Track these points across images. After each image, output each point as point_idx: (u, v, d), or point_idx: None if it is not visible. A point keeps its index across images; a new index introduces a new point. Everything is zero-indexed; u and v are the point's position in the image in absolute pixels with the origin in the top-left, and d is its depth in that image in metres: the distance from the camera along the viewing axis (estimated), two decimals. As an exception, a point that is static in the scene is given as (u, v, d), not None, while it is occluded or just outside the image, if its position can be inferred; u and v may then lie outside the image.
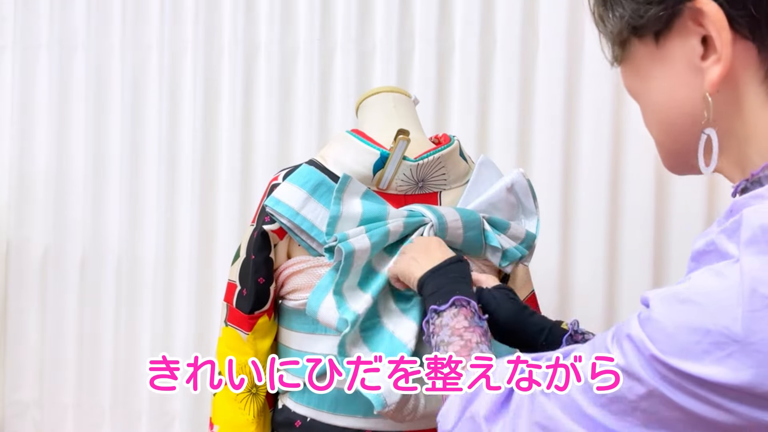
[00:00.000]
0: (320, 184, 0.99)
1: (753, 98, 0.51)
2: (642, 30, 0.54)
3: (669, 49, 0.53)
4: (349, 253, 0.90)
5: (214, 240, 1.72)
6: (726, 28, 0.48)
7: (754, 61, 0.50)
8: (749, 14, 0.48)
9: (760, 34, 0.49)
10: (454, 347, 0.71)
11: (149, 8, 1.76)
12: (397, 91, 1.11)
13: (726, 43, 0.49)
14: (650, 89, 0.56)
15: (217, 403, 1.03)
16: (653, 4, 0.52)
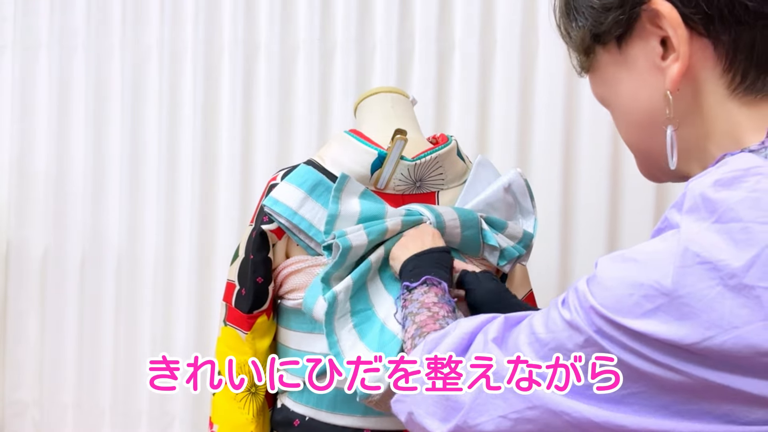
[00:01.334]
0: (318, 183, 0.99)
1: (712, 94, 0.52)
2: (604, 37, 0.56)
3: (631, 52, 0.55)
4: (347, 249, 0.91)
5: (213, 240, 1.72)
6: (681, 26, 0.50)
7: (711, 57, 0.51)
8: (702, 11, 0.49)
9: (714, 30, 0.50)
10: (421, 317, 0.73)
11: (149, 8, 1.76)
12: (395, 92, 1.11)
13: (682, 40, 0.50)
14: (617, 94, 0.58)
15: (216, 402, 1.03)
16: (611, 10, 0.54)
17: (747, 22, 0.49)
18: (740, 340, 0.40)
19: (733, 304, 0.40)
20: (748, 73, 0.51)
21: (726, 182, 0.44)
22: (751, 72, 0.50)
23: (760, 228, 0.41)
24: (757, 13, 0.48)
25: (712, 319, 0.40)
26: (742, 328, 0.40)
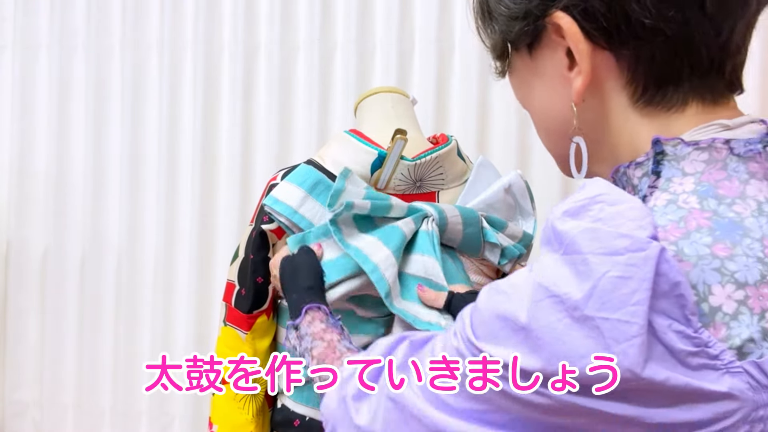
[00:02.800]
0: (318, 182, 0.99)
1: (617, 105, 0.53)
2: (515, 44, 0.57)
3: (541, 61, 0.56)
4: (349, 206, 0.90)
5: (213, 240, 1.72)
6: (582, 41, 0.51)
7: (615, 70, 0.52)
8: (601, 26, 0.50)
9: (614, 44, 0.51)
10: (318, 350, 0.73)
11: (149, 8, 1.76)
12: (396, 92, 1.11)
13: (583, 54, 0.51)
14: (532, 99, 0.59)
15: (216, 402, 1.04)
16: (518, 20, 0.54)
17: (645, 38, 0.50)
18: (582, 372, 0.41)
19: (578, 336, 0.41)
20: (649, 85, 0.51)
21: (573, 212, 0.45)
22: (651, 85, 0.51)
23: (596, 260, 0.42)
24: (654, 29, 0.49)
25: (563, 351, 0.42)
26: (588, 358, 0.41)
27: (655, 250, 0.41)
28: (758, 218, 0.45)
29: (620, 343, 0.40)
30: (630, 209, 0.44)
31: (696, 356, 0.41)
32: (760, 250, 0.44)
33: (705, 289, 0.43)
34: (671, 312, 0.41)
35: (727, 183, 0.47)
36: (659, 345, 0.41)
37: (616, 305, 0.41)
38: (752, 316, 0.42)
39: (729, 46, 0.50)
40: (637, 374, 0.40)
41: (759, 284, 0.43)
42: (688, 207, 0.46)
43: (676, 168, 0.49)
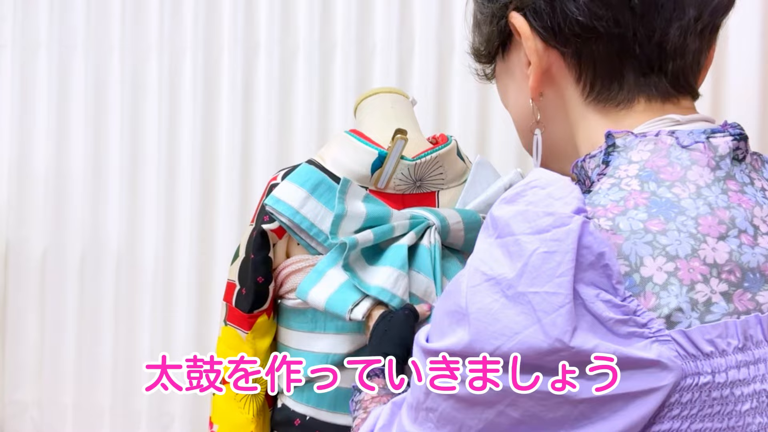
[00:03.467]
0: (320, 183, 0.99)
1: (572, 101, 0.57)
2: (491, 46, 0.61)
3: (511, 61, 0.61)
4: (353, 244, 0.92)
5: (213, 240, 1.72)
6: (530, 38, 0.55)
7: (564, 68, 0.56)
8: (546, 25, 0.54)
9: (560, 41, 0.54)
10: (358, 419, 0.74)
11: (149, 8, 1.76)
12: (395, 92, 1.11)
13: (532, 51, 0.55)
14: (507, 98, 0.64)
15: (216, 402, 1.04)
16: (488, 24, 0.59)
17: (582, 36, 0.53)
18: (522, 344, 0.42)
19: (513, 313, 0.43)
20: (595, 83, 0.55)
21: (509, 199, 0.48)
22: (597, 82, 0.55)
23: (526, 239, 0.44)
24: (589, 28, 0.52)
25: (499, 329, 0.43)
26: (522, 333, 0.42)
27: (576, 223, 0.43)
28: (696, 200, 0.47)
29: (549, 314, 0.42)
30: (557, 189, 0.46)
31: (624, 324, 0.43)
32: (694, 227, 0.46)
33: (637, 261, 0.45)
34: (598, 282, 0.43)
35: (669, 168, 0.49)
36: (588, 315, 0.43)
37: (544, 279, 0.43)
38: (681, 287, 0.44)
39: (665, 47, 0.53)
40: (566, 343, 0.41)
41: (690, 258, 0.45)
42: (629, 189, 0.48)
43: (623, 157, 0.51)
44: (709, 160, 0.50)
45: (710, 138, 0.51)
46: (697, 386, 0.43)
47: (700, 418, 0.43)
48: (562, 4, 0.53)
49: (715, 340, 0.44)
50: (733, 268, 0.45)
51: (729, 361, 0.44)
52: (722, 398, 0.43)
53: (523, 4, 0.55)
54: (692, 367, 0.43)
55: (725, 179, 0.49)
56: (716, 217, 0.47)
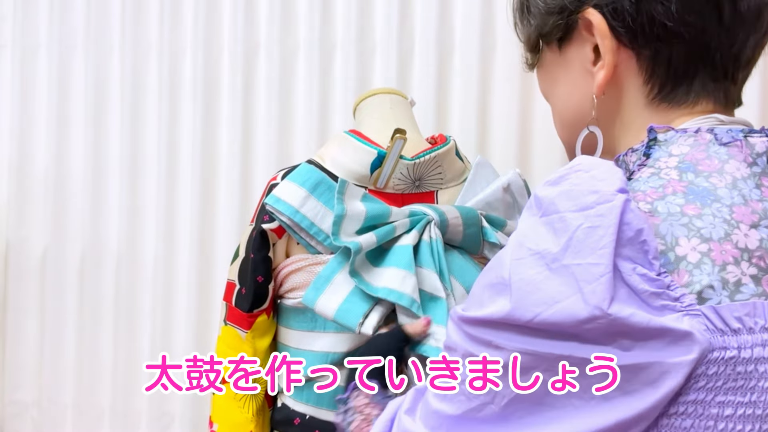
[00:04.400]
0: (320, 182, 0.99)
1: (633, 101, 0.58)
2: (547, 37, 0.61)
3: (569, 55, 0.61)
4: (357, 250, 0.92)
5: (213, 240, 1.72)
6: (608, 37, 0.56)
7: (635, 68, 0.57)
8: (627, 26, 0.55)
9: (637, 43, 0.55)
10: (355, 423, 0.75)
11: (149, 8, 1.76)
12: (394, 93, 1.12)
13: (608, 50, 0.56)
14: (556, 92, 0.65)
15: (216, 401, 1.04)
16: (553, 15, 0.59)
17: (665, 40, 0.54)
18: (563, 311, 0.45)
19: (556, 284, 0.45)
20: (665, 85, 0.56)
21: (553, 181, 0.51)
22: (668, 84, 0.56)
23: (571, 216, 0.47)
24: (674, 33, 0.54)
25: (540, 298, 0.46)
26: (563, 302, 0.45)
27: (620, 200, 0.46)
28: (731, 190, 0.50)
29: (590, 283, 0.45)
30: (601, 171, 0.49)
31: (658, 297, 0.45)
32: (728, 213, 0.48)
33: (672, 240, 0.47)
34: (635, 257, 0.46)
35: (707, 161, 0.52)
36: (625, 286, 0.45)
37: (588, 251, 0.45)
38: (714, 267, 0.46)
39: (741, 57, 0.55)
40: (604, 310, 0.44)
41: (723, 241, 0.47)
42: (668, 178, 0.51)
43: (664, 150, 0.54)
44: (746, 156, 0.52)
45: (748, 137, 0.53)
46: (723, 360, 0.45)
47: (724, 390, 0.45)
48: (650, 6, 0.54)
49: (743, 317, 0.46)
50: (764, 255, 0.48)
51: (755, 339, 0.46)
52: (746, 373, 0.45)
53: (602, 2, 0.56)
54: (720, 341, 0.45)
55: (761, 175, 0.52)
56: (749, 207, 0.49)
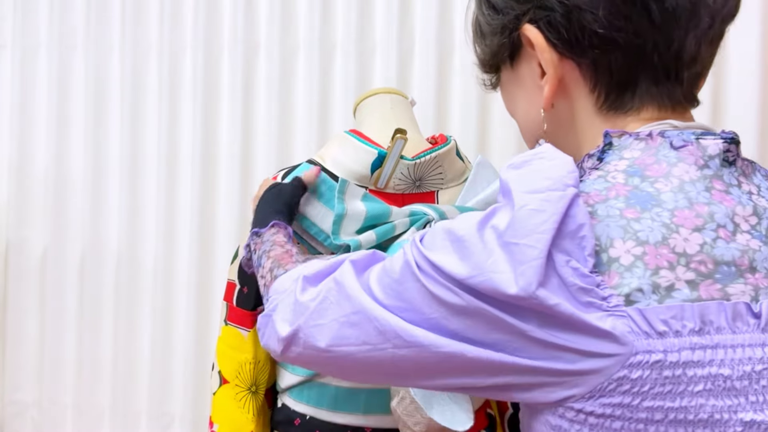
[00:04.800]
0: (321, 182, 0.99)
1: (583, 110, 0.59)
2: (499, 56, 0.63)
3: (521, 72, 0.62)
4: (356, 247, 0.93)
5: (213, 240, 1.72)
6: (547, 50, 0.56)
7: (579, 78, 0.58)
8: (562, 37, 0.55)
9: (576, 53, 0.56)
10: (275, 252, 0.78)
11: (149, 8, 1.76)
12: (395, 93, 1.11)
13: (549, 63, 0.57)
14: (516, 108, 0.66)
15: (216, 401, 1.03)
16: (497, 34, 0.61)
17: (600, 47, 0.55)
18: (489, 282, 0.48)
19: (497, 257, 0.48)
20: (610, 92, 0.57)
21: (516, 164, 0.53)
22: (612, 91, 0.57)
23: (520, 196, 0.49)
24: (608, 39, 0.54)
25: (480, 263, 0.49)
26: (493, 274, 0.48)
27: (570, 192, 0.48)
28: (676, 194, 0.50)
29: (522, 264, 0.47)
30: (562, 163, 0.51)
31: (586, 293, 0.47)
32: (668, 218, 0.49)
33: (607, 242, 0.48)
34: (572, 251, 0.47)
35: (656, 166, 0.52)
36: (556, 276, 0.47)
37: (526, 232, 0.47)
38: (646, 270, 0.47)
39: (682, 56, 0.55)
40: (530, 292, 0.46)
41: (659, 245, 0.48)
42: (614, 181, 0.52)
43: (617, 155, 0.55)
44: (698, 159, 0.52)
45: (700, 139, 0.53)
46: (648, 364, 0.46)
47: (651, 396, 0.46)
48: (580, 16, 0.54)
49: (669, 320, 0.46)
50: (705, 260, 0.48)
51: (683, 342, 0.46)
52: (674, 377, 0.45)
53: (536, 17, 0.56)
54: (644, 344, 0.46)
55: (712, 178, 0.52)
56: (694, 210, 0.49)
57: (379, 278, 0.56)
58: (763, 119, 1.55)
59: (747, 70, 1.54)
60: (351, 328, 0.56)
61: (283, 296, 0.66)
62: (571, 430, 0.49)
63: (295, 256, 0.78)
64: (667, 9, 0.52)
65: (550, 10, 0.55)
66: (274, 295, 0.68)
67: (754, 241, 0.49)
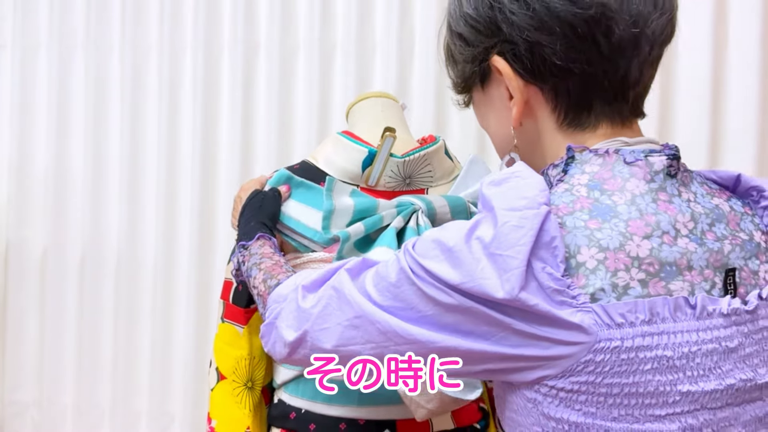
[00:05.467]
0: (297, 185, 1.03)
1: (547, 128, 0.67)
2: (470, 80, 0.71)
3: (491, 94, 0.70)
4: (346, 238, 0.96)
5: (213, 240, 1.72)
6: (513, 78, 0.65)
7: (542, 100, 0.66)
8: (526, 67, 0.64)
9: (538, 80, 0.65)
10: (266, 264, 0.85)
11: (149, 8, 1.76)
12: (385, 96, 1.15)
13: (515, 89, 0.66)
14: (488, 126, 0.74)
15: (214, 397, 1.05)
16: (469, 63, 0.69)
17: (559, 75, 0.64)
18: (481, 287, 0.56)
19: (485, 265, 0.56)
20: (569, 112, 0.66)
21: (496, 182, 0.61)
22: (570, 112, 0.66)
23: (502, 213, 0.57)
24: (564, 69, 0.63)
25: (470, 271, 0.56)
26: (483, 280, 0.56)
27: (543, 210, 0.57)
28: (629, 206, 0.60)
29: (507, 272, 0.55)
30: (535, 182, 0.60)
31: (559, 294, 0.56)
32: (624, 227, 0.58)
33: (575, 249, 0.58)
34: (546, 258, 0.56)
35: (612, 180, 0.62)
36: (534, 281, 0.56)
37: (509, 245, 0.56)
38: (606, 273, 0.57)
39: (628, 79, 0.64)
40: (514, 295, 0.55)
41: (617, 250, 0.57)
42: (579, 194, 0.61)
43: (579, 168, 0.64)
44: (645, 174, 0.62)
45: (648, 156, 0.62)
46: (609, 349, 0.56)
47: (610, 374, 0.56)
48: (541, 50, 0.63)
49: (625, 314, 0.56)
50: (653, 261, 0.58)
51: (636, 331, 0.56)
52: (629, 359, 0.56)
53: (503, 49, 0.65)
54: (606, 334, 0.56)
55: (657, 190, 0.61)
56: (644, 220, 0.59)
57: (375, 282, 0.63)
58: (763, 119, 1.55)
59: (747, 70, 1.54)
60: (354, 330, 0.63)
61: (284, 304, 0.73)
62: (544, 402, 0.59)
63: (285, 266, 0.85)
64: (614, 42, 0.62)
65: (515, 44, 0.64)
66: (274, 305, 0.75)
67: (691, 244, 0.60)
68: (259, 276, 0.84)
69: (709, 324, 0.57)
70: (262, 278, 0.83)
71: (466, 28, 0.68)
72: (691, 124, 1.58)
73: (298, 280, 0.74)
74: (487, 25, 0.66)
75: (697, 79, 1.57)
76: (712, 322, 0.57)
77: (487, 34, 0.66)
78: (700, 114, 1.57)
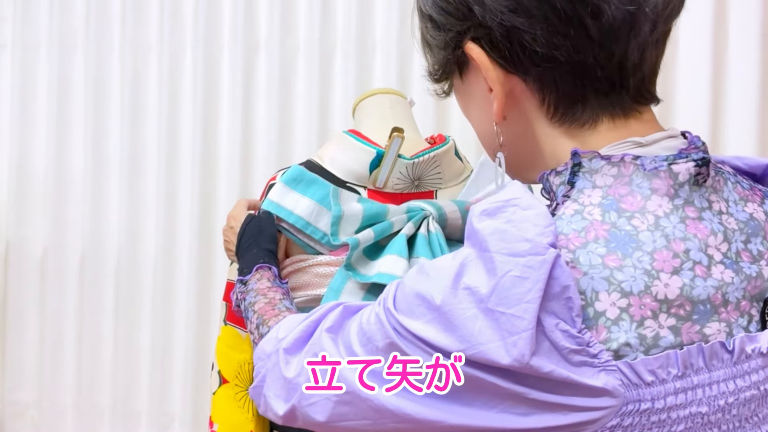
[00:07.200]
0: (312, 182, 1.00)
1: (537, 122, 0.58)
2: (447, 68, 0.62)
3: (470, 84, 0.61)
4: (355, 245, 0.93)
5: (213, 240, 1.72)
6: (491, 68, 0.56)
7: (527, 92, 0.57)
8: (504, 55, 0.55)
9: (520, 70, 0.55)
10: (259, 305, 0.81)
11: (149, 8, 1.76)
12: (393, 93, 1.12)
13: (493, 80, 0.56)
14: (470, 116, 0.65)
15: (216, 401, 1.04)
16: (442, 49, 0.60)
17: (542, 64, 0.54)
18: (483, 354, 0.47)
19: (482, 325, 0.47)
20: (559, 106, 0.56)
21: (489, 212, 0.51)
22: (561, 105, 0.56)
23: (501, 259, 0.48)
24: (548, 57, 0.53)
25: (466, 335, 0.48)
26: (485, 345, 0.47)
27: (551, 255, 0.47)
28: (653, 232, 0.50)
29: (512, 335, 0.46)
30: (537, 216, 0.49)
31: (577, 354, 0.47)
32: (649, 263, 0.49)
33: (593, 295, 0.48)
34: (559, 313, 0.47)
35: (630, 198, 0.52)
36: (546, 341, 0.47)
37: (512, 301, 0.47)
38: (632, 323, 0.48)
39: (626, 65, 0.54)
40: (524, 363, 0.46)
41: (642, 294, 0.48)
42: (591, 218, 0.51)
43: (588, 180, 0.54)
44: (669, 189, 0.52)
45: (672, 165, 0.52)
46: (638, 412, 0.48)
47: None
48: (519, 35, 0.53)
49: (656, 370, 0.48)
50: (683, 303, 0.49)
51: (668, 389, 0.48)
52: (660, 422, 0.48)
53: (478, 35, 0.55)
54: (634, 394, 0.48)
55: (684, 206, 0.52)
56: (671, 250, 0.50)
57: (361, 343, 0.55)
58: (763, 119, 1.55)
59: (747, 69, 1.54)
60: (346, 406, 0.56)
61: (269, 366, 0.65)
62: None
63: (278, 306, 0.80)
64: (604, 24, 0.52)
65: (489, 29, 0.54)
66: (259, 363, 0.68)
67: (727, 272, 0.51)
68: (253, 320, 0.80)
69: (747, 368, 0.50)
70: (256, 323, 0.79)
71: (434, 9, 0.59)
72: (691, 124, 1.58)
73: (280, 334, 0.66)
74: (457, 6, 0.56)
75: (697, 79, 1.56)
76: (750, 365, 0.50)
77: (458, 17, 0.57)
78: (700, 114, 1.57)
